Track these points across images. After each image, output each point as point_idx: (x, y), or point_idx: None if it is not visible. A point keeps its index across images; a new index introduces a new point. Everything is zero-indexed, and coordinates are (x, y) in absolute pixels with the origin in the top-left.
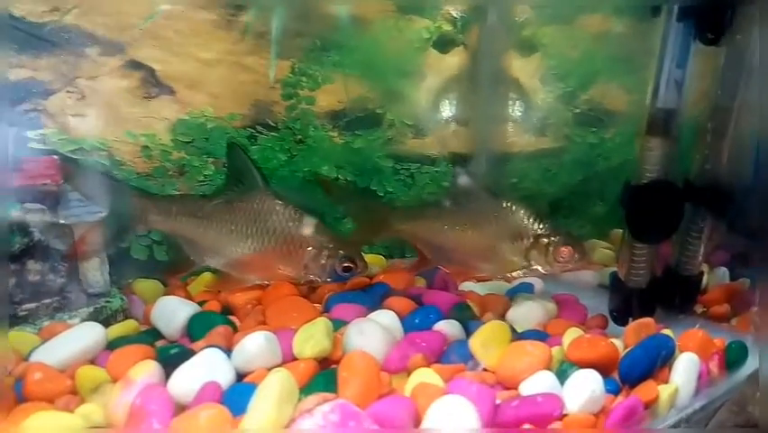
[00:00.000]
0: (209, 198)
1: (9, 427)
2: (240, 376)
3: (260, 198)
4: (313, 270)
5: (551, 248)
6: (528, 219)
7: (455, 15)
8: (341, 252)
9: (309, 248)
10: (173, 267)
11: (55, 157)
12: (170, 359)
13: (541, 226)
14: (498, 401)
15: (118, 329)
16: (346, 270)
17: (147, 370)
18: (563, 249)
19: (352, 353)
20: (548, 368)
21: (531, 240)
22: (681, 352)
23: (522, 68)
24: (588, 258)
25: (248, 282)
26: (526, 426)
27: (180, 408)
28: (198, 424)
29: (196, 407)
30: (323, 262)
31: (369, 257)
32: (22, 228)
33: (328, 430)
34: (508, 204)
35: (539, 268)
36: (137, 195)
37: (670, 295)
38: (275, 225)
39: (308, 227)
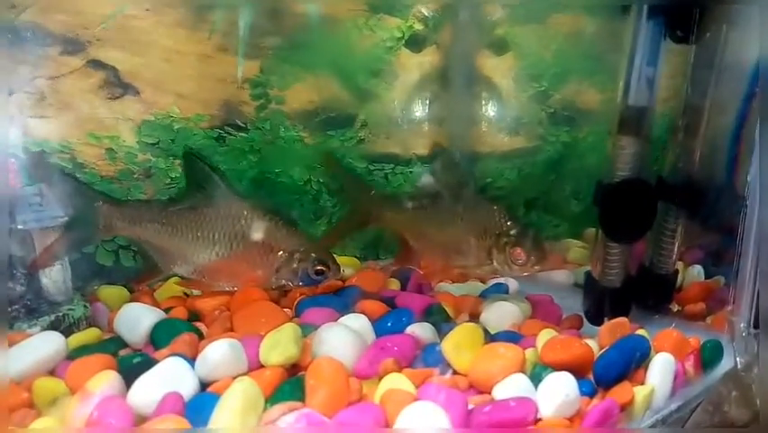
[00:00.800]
0: (174, 203)
1: None
2: (204, 386)
3: (227, 202)
4: (285, 274)
5: (508, 248)
6: (496, 216)
7: (427, 14)
8: (313, 254)
9: (280, 252)
10: (141, 275)
11: (12, 160)
12: (132, 369)
13: (508, 224)
14: (470, 406)
15: (80, 338)
16: (319, 273)
17: (106, 381)
18: (517, 250)
19: (320, 359)
20: (522, 371)
21: (493, 238)
22: (657, 352)
23: (495, 67)
24: (546, 262)
25: (217, 289)
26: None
27: (141, 419)
28: None
29: (155, 419)
30: (294, 265)
31: (342, 259)
32: None
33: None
34: (479, 200)
35: (498, 267)
36: (101, 200)
37: (644, 294)
38: (243, 229)
39: (278, 231)
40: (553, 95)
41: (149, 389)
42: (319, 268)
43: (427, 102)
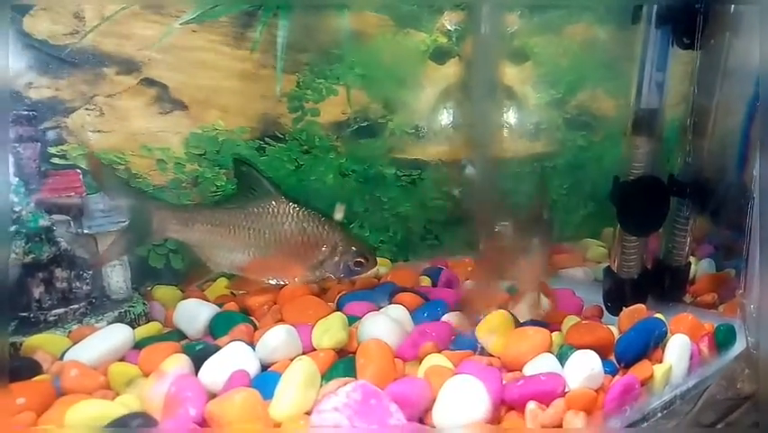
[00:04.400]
0: (224, 205)
1: (54, 416)
2: (264, 368)
3: (275, 203)
4: (328, 267)
5: (345, 258)
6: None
7: (450, 28)
8: (353, 248)
9: (324, 247)
10: (190, 275)
11: (78, 171)
12: (197, 354)
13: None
14: (504, 382)
15: (143, 330)
16: (358, 264)
17: (178, 362)
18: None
19: (368, 341)
20: (549, 351)
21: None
22: (673, 334)
23: (513, 76)
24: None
25: (263, 284)
26: (531, 403)
27: (212, 396)
28: (233, 406)
29: (230, 390)
30: (336, 259)
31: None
32: (50, 238)
33: (347, 412)
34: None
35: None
36: (156, 205)
37: (660, 285)
38: (291, 227)
39: (322, 227)
40: (570, 101)
41: (217, 369)
42: (359, 260)
43: (452, 110)
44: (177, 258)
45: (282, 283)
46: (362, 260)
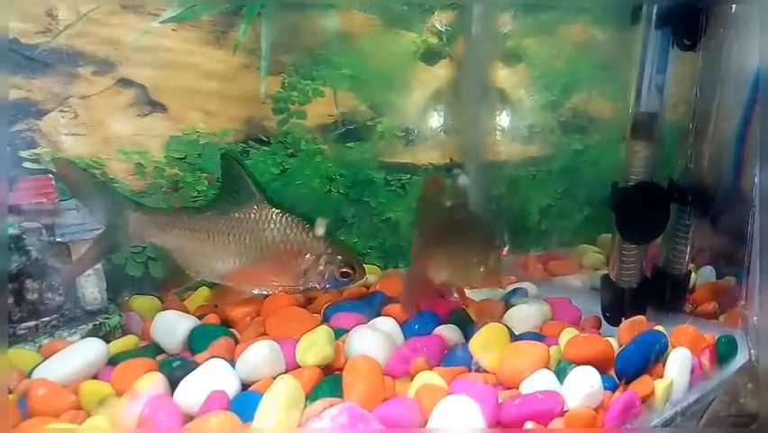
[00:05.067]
0: (205, 210)
1: None
2: (244, 386)
3: (257, 208)
4: (312, 277)
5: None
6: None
7: (441, 28)
8: (339, 257)
9: (307, 255)
10: (168, 282)
11: (50, 176)
12: (174, 371)
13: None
14: (500, 400)
15: (119, 345)
16: (344, 275)
17: (152, 382)
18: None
19: (356, 357)
20: (547, 367)
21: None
22: (674, 347)
23: (507, 78)
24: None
25: (246, 294)
26: (529, 423)
27: (188, 418)
28: (209, 430)
29: (206, 414)
30: (321, 268)
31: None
32: (20, 247)
33: (339, 430)
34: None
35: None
36: (132, 208)
37: (659, 294)
38: (273, 233)
39: (306, 234)
40: (564, 104)
41: (194, 388)
42: (345, 270)
43: (442, 113)
44: (156, 266)
45: (265, 293)
46: (349, 270)
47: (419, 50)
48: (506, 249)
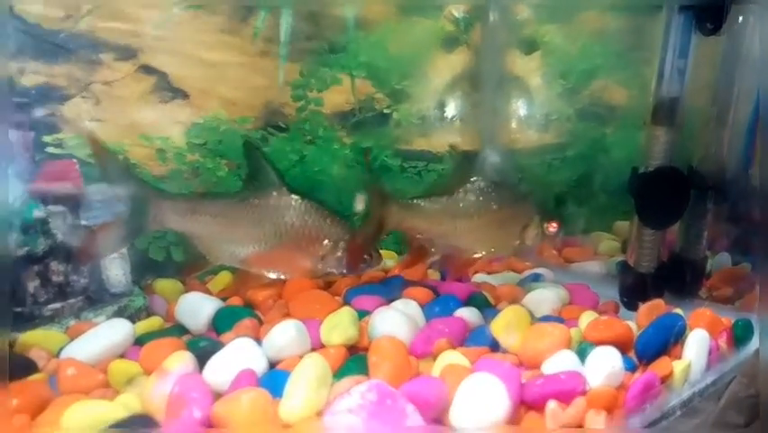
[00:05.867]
0: (225, 196)
1: (50, 418)
2: (271, 365)
3: (276, 194)
4: (329, 262)
5: (541, 226)
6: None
7: (458, 16)
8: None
9: (325, 241)
10: (188, 266)
11: (75, 160)
12: (200, 351)
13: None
14: (523, 380)
15: (144, 326)
16: (362, 261)
17: (181, 360)
18: (552, 224)
19: (381, 338)
20: (568, 348)
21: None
22: (692, 330)
23: (524, 65)
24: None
25: (265, 279)
26: (551, 402)
27: (217, 396)
28: (241, 407)
29: (237, 390)
30: (339, 254)
31: (382, 252)
32: (45, 230)
33: (362, 413)
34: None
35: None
36: (155, 194)
37: (677, 279)
38: (291, 219)
39: (324, 220)
40: (582, 91)
41: (223, 367)
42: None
43: (460, 100)
44: (178, 250)
45: (283, 278)
46: (366, 256)
47: (437, 38)
48: (553, 225)
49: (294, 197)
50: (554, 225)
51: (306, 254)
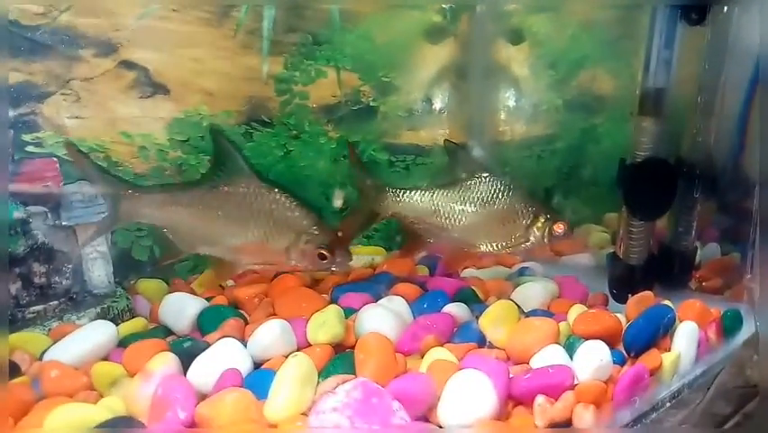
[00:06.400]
0: (193, 184)
1: (34, 421)
2: (256, 365)
3: (245, 183)
4: (293, 255)
5: (547, 226)
6: (525, 198)
7: (444, 7)
8: (320, 238)
9: (291, 233)
10: (162, 256)
11: (55, 159)
12: (185, 352)
13: (534, 207)
14: (511, 375)
15: (128, 327)
16: (321, 257)
17: (165, 362)
18: (558, 224)
19: (368, 335)
20: (556, 342)
21: (529, 219)
22: (681, 321)
23: (512, 56)
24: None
25: (240, 267)
26: (540, 397)
27: (201, 397)
28: (225, 407)
29: (221, 391)
30: (301, 246)
31: (369, 248)
32: (26, 231)
33: (347, 411)
34: (506, 184)
35: (535, 243)
36: (122, 185)
37: (666, 270)
38: (259, 207)
39: (291, 211)
40: (570, 82)
41: (207, 367)
42: (322, 252)
43: (447, 92)
44: (161, 250)
45: (256, 267)
46: (326, 253)
47: (423, 29)
48: (560, 225)
49: (262, 185)
50: (561, 225)
51: (271, 245)
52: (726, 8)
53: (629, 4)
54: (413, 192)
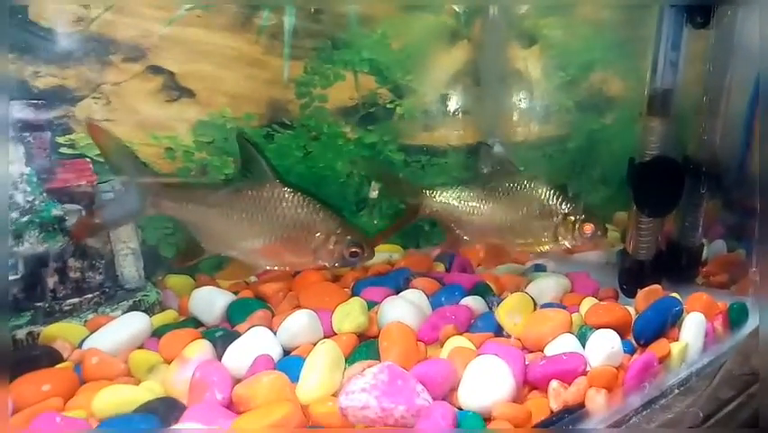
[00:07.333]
0: (220, 186)
1: (81, 401)
2: (285, 352)
3: (270, 186)
4: (321, 255)
5: (577, 225)
6: (557, 198)
7: (458, 10)
8: (348, 237)
9: (318, 234)
10: (184, 255)
11: (88, 160)
12: (216, 340)
13: (568, 205)
14: (526, 362)
15: (160, 319)
16: (353, 255)
17: (200, 348)
18: (587, 226)
19: (391, 324)
20: (569, 332)
21: (560, 218)
22: (688, 313)
23: (524, 58)
24: (606, 234)
25: (259, 269)
26: (554, 381)
27: (236, 381)
28: (261, 388)
29: (257, 373)
30: (331, 247)
31: (387, 246)
32: (63, 228)
33: (375, 392)
34: (538, 183)
35: (566, 243)
36: (153, 179)
37: (674, 266)
38: (284, 211)
39: (317, 213)
40: (581, 84)
41: (241, 353)
42: (354, 250)
43: (461, 94)
44: (181, 242)
45: (277, 269)
46: (357, 250)
47: (438, 32)
48: (588, 226)
49: (287, 189)
50: (589, 227)
51: (298, 246)
52: (729, 12)
53: (638, 5)
54: (449, 191)
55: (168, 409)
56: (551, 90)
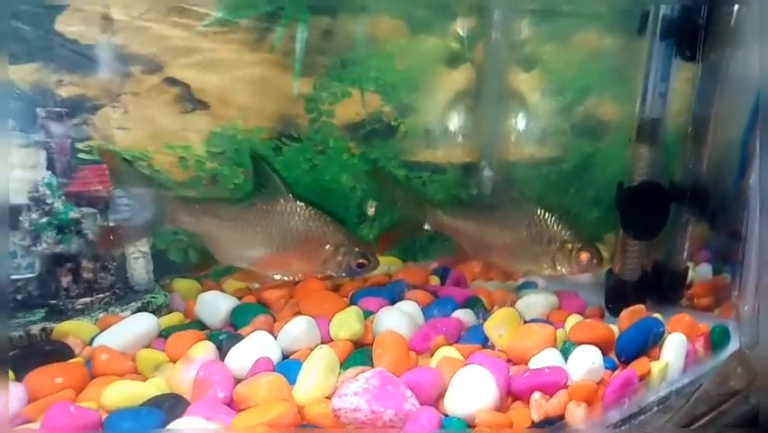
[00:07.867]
0: (235, 201)
1: (92, 394)
2: (285, 356)
3: (283, 201)
4: (330, 265)
5: (574, 253)
6: (557, 225)
7: (462, 34)
8: (356, 249)
9: (327, 246)
10: (197, 265)
11: (105, 165)
12: (220, 343)
13: (567, 233)
14: (511, 373)
15: (167, 320)
16: (360, 265)
17: (205, 349)
18: (583, 255)
19: (384, 332)
20: (553, 346)
21: (558, 244)
22: (670, 333)
23: (524, 82)
24: (601, 263)
25: (268, 279)
26: (536, 393)
27: (237, 381)
28: (261, 387)
29: (257, 374)
30: (339, 258)
31: (386, 258)
32: (79, 230)
33: (366, 396)
34: (541, 210)
35: (562, 270)
36: (168, 194)
37: (659, 288)
38: (297, 225)
39: (327, 226)
40: (576, 108)
41: (243, 355)
42: (361, 261)
43: (462, 114)
44: (194, 253)
45: (286, 278)
46: (364, 261)
47: (441, 54)
48: (584, 255)
49: (299, 204)
50: (585, 255)
51: (308, 258)
52: (716, 46)
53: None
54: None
55: (172, 404)
56: (547, 113)
